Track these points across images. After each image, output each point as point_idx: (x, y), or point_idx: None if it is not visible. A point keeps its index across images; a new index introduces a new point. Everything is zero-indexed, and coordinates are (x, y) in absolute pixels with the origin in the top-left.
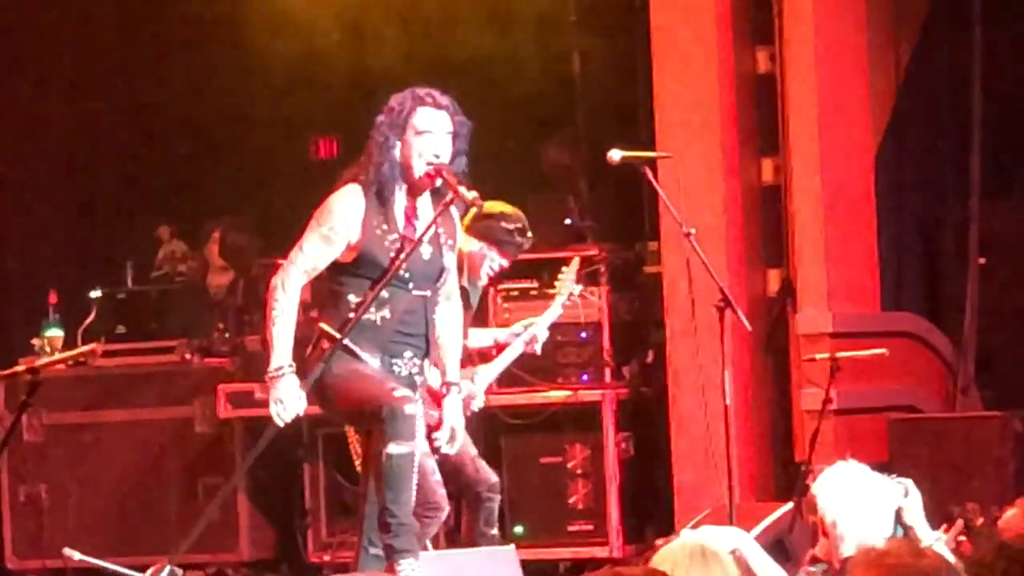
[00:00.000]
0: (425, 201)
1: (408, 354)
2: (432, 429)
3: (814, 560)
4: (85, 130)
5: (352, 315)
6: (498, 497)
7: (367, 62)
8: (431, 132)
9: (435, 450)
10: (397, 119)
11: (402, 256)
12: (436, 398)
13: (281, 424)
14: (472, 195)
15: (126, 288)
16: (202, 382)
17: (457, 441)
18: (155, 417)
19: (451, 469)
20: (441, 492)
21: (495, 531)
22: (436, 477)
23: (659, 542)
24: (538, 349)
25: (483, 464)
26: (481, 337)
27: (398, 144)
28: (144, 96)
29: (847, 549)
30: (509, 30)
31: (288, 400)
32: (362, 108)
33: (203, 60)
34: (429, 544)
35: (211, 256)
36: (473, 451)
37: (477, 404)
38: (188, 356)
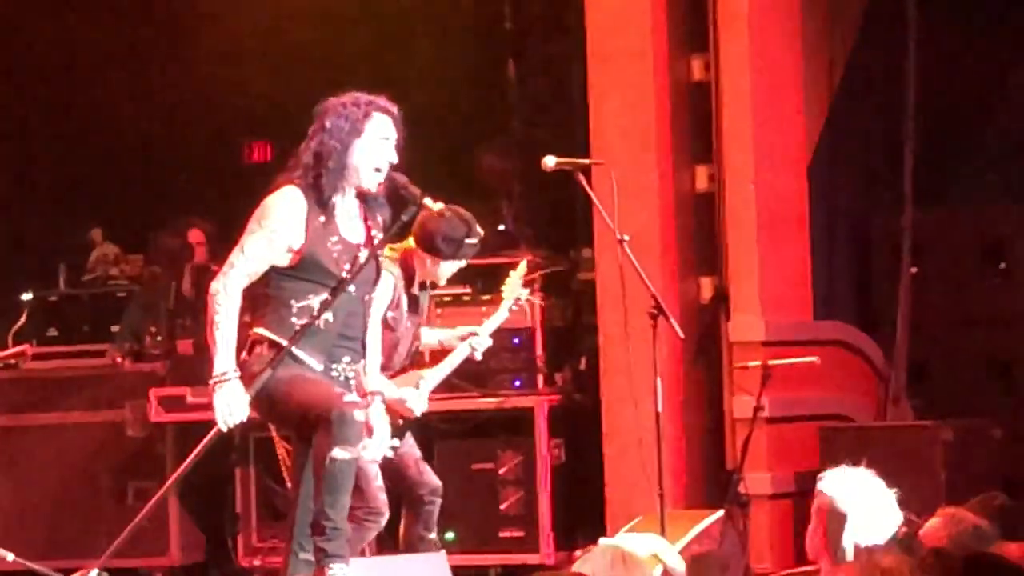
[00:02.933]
0: (356, 204)
1: (347, 359)
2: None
3: None
4: (17, 132)
5: (295, 319)
6: (439, 500)
7: (301, 67)
8: (386, 139)
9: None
10: (351, 123)
11: (362, 259)
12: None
13: (225, 429)
14: (439, 206)
15: (58, 291)
16: (134, 386)
17: (383, 447)
18: (86, 421)
19: (394, 471)
20: (383, 498)
21: (433, 535)
22: (378, 483)
23: (577, 553)
24: (478, 355)
25: (426, 468)
26: (426, 336)
27: (350, 148)
28: (77, 98)
29: (847, 549)
30: (444, 36)
31: (234, 405)
32: (295, 112)
33: (137, 63)
34: (366, 549)
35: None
36: (417, 454)
37: (421, 408)
38: (120, 360)
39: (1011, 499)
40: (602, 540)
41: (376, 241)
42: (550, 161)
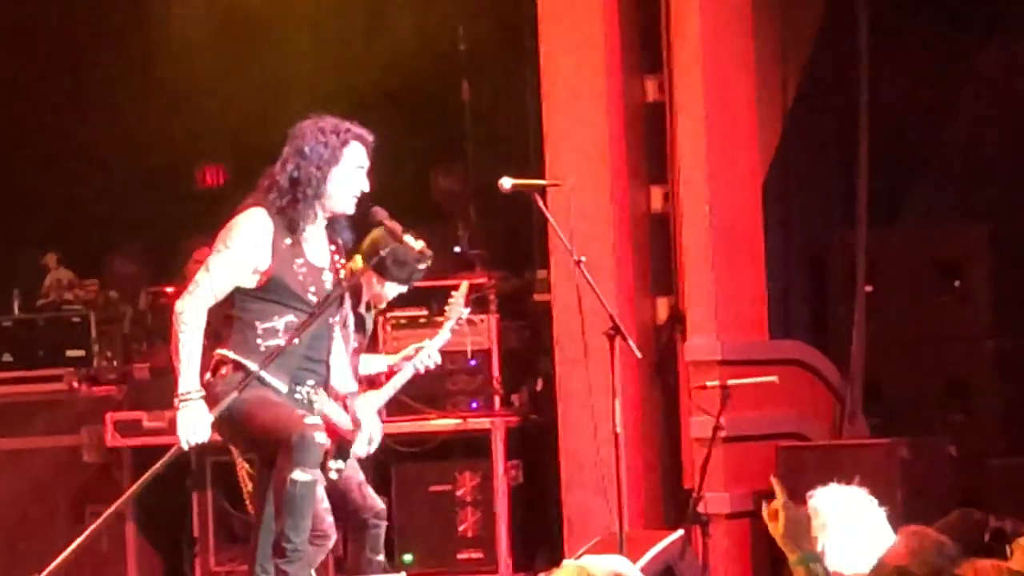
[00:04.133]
0: (323, 227)
1: (311, 381)
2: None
3: None
4: None
5: (260, 340)
6: (384, 523)
7: (256, 89)
8: (361, 167)
9: (325, 476)
10: (330, 150)
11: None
12: (328, 425)
13: (187, 447)
14: (420, 244)
15: (12, 316)
16: (90, 411)
17: (375, 442)
18: (43, 446)
19: (337, 496)
20: (329, 520)
21: (381, 557)
22: (325, 504)
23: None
24: (422, 369)
25: (370, 491)
26: (374, 363)
27: (328, 175)
28: (30, 121)
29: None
30: (399, 58)
31: (198, 425)
32: (251, 136)
33: (91, 85)
34: (314, 573)
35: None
36: (360, 477)
37: (374, 430)
38: (76, 384)
39: None
40: (566, 561)
41: (339, 264)
42: (506, 183)
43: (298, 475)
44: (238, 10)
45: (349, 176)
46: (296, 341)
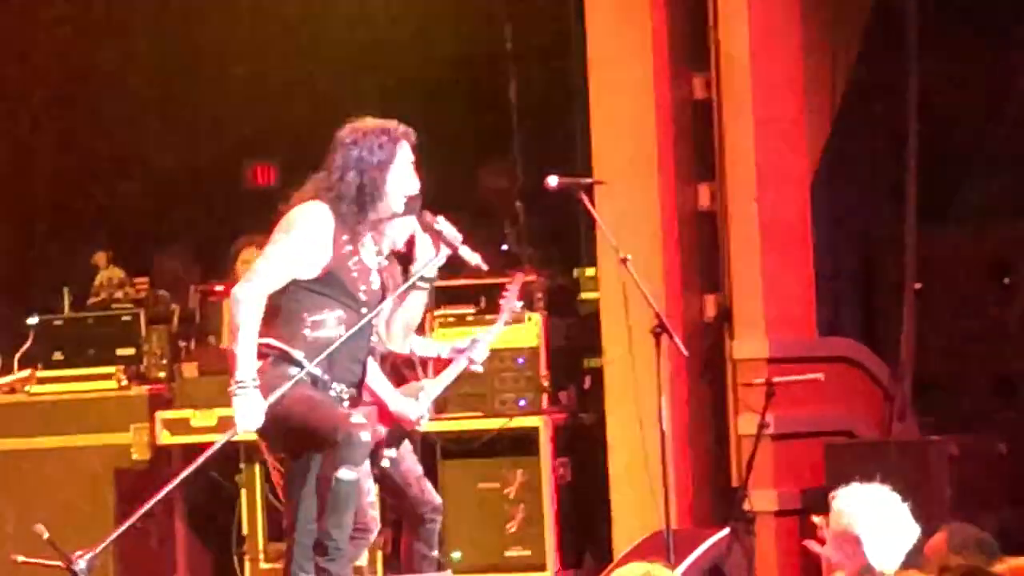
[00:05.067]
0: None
1: (347, 381)
2: (376, 445)
3: None
4: (21, 156)
5: (308, 331)
6: (440, 519)
7: (306, 88)
8: (411, 163)
9: (377, 466)
10: (386, 152)
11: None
12: (383, 411)
13: (242, 432)
14: (476, 258)
15: (63, 315)
16: (139, 409)
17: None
18: (92, 444)
19: (396, 489)
20: (372, 514)
21: (435, 553)
22: (370, 498)
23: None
24: (477, 367)
25: (428, 485)
26: (426, 347)
27: (387, 177)
28: (82, 121)
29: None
30: (447, 57)
31: (253, 413)
32: (301, 135)
33: (140, 86)
34: (363, 558)
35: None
36: (419, 471)
37: (426, 420)
38: (125, 383)
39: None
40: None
41: (387, 264)
42: (553, 181)
43: (343, 474)
44: (287, 9)
45: (403, 174)
46: (342, 338)
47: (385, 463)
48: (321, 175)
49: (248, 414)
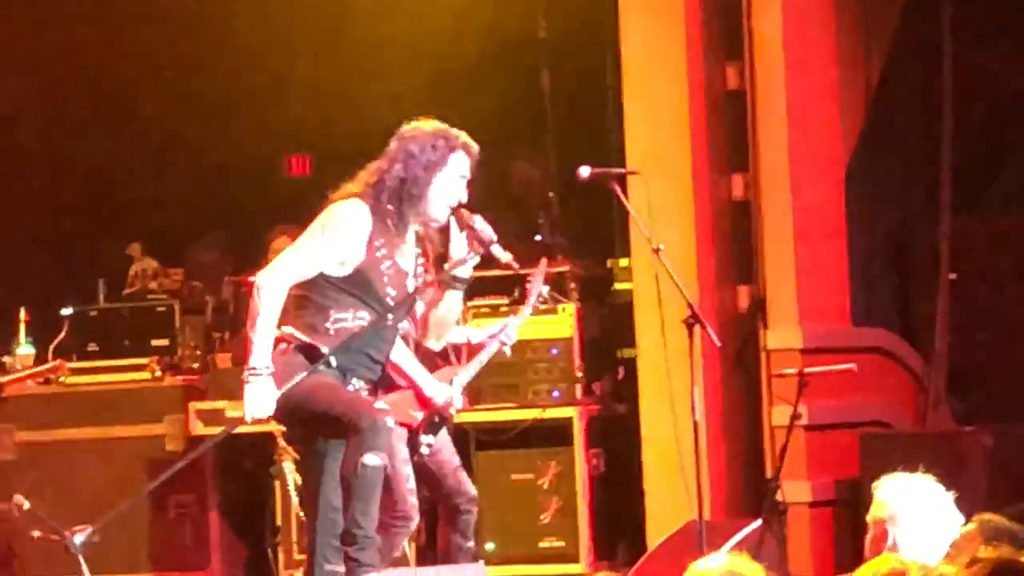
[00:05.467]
0: (415, 232)
1: (367, 375)
2: (413, 431)
3: None
4: (56, 147)
5: (329, 326)
6: (475, 509)
7: (341, 79)
8: (463, 177)
9: (417, 453)
10: (439, 155)
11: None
12: (420, 398)
13: (250, 421)
14: (507, 256)
15: (98, 306)
16: (173, 400)
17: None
18: (126, 435)
19: (433, 479)
20: (412, 501)
21: (471, 543)
22: (409, 485)
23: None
24: (507, 350)
25: (464, 476)
26: (456, 334)
27: (433, 179)
28: (115, 112)
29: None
30: (480, 46)
31: (264, 401)
32: (337, 126)
33: (175, 76)
34: (406, 549)
35: None
36: (456, 461)
37: (458, 404)
38: (159, 374)
39: None
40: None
41: (423, 269)
42: (584, 171)
43: (369, 459)
44: (321, 3)
45: (450, 183)
46: (361, 337)
47: (424, 450)
48: (374, 164)
49: (258, 402)
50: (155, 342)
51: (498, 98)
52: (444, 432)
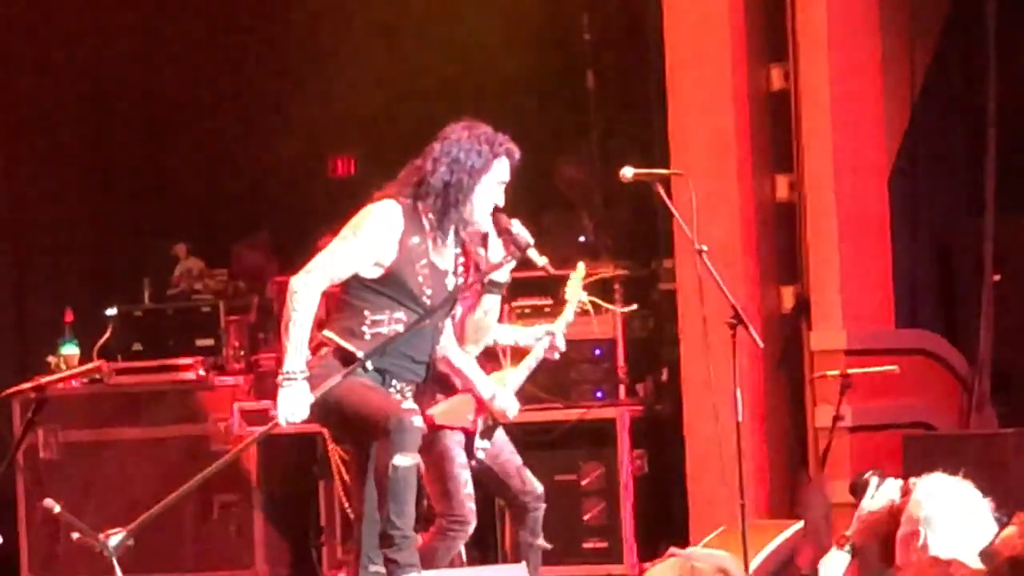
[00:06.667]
0: (454, 232)
1: (408, 377)
2: (470, 435)
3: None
4: (101, 147)
5: (366, 329)
6: (543, 506)
7: (385, 80)
8: (503, 183)
9: (473, 458)
10: (484, 160)
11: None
12: (479, 403)
13: (284, 425)
14: (543, 260)
15: (143, 306)
16: (218, 400)
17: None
18: (171, 435)
19: (497, 481)
20: (470, 507)
21: (541, 540)
22: (467, 490)
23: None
24: (556, 355)
25: (528, 474)
26: (504, 334)
27: (477, 184)
28: (160, 113)
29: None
30: (524, 48)
31: (298, 405)
32: (381, 126)
33: (220, 78)
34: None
35: None
36: (518, 461)
37: (513, 412)
38: (203, 374)
39: None
40: (672, 549)
41: (461, 271)
42: (628, 172)
43: (399, 460)
44: (364, 6)
45: (492, 188)
46: (400, 338)
47: (480, 455)
48: (416, 162)
49: (291, 405)
50: (200, 342)
51: (543, 99)
52: (501, 433)
